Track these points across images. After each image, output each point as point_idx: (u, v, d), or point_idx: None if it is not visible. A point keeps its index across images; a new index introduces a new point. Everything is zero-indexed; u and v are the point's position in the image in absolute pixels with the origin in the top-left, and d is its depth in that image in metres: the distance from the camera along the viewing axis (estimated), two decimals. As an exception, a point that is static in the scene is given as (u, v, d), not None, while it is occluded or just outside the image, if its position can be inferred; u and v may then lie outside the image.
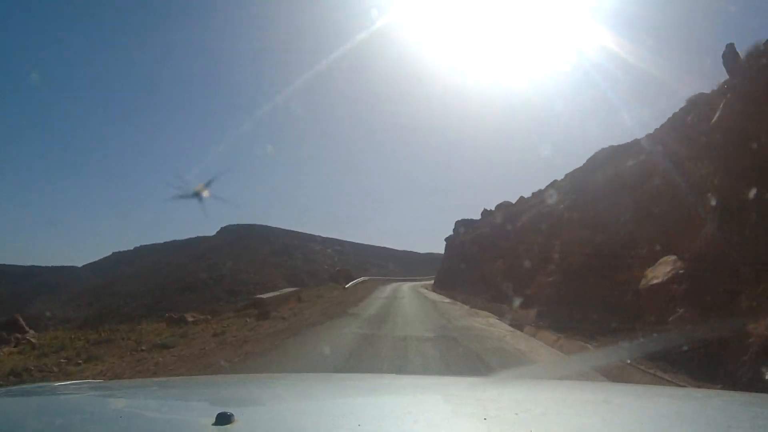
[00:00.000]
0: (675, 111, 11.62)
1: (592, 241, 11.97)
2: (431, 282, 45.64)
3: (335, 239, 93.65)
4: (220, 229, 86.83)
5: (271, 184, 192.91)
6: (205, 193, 2.58)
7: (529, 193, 25.81)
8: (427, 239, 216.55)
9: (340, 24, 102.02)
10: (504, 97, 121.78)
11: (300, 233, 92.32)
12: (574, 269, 12.24)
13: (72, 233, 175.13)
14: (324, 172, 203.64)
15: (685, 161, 9.12)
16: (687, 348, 6.03)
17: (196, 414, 1.63)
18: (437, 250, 61.98)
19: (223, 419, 1.17)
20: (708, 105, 9.30)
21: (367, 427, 1.31)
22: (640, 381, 5.85)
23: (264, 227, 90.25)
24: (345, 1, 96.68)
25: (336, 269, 49.12)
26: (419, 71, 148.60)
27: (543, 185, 24.41)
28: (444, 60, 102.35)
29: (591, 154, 17.15)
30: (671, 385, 5.26)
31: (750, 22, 53.28)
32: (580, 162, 18.36)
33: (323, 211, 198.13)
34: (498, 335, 11.32)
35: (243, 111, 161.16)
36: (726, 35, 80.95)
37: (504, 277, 19.84)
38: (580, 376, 6.27)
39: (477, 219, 38.40)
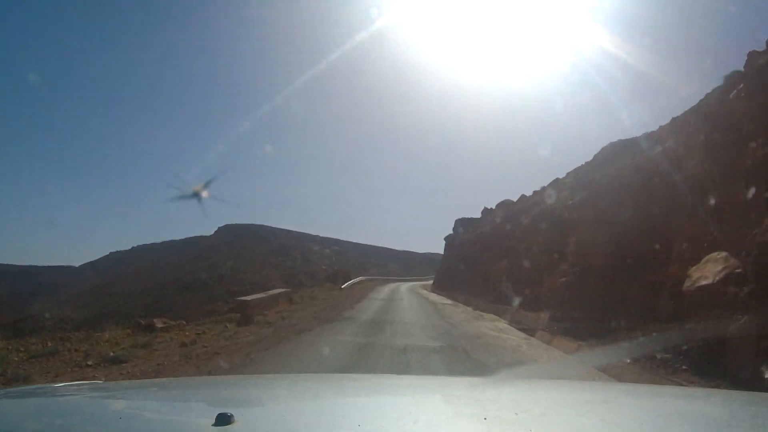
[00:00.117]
0: (708, 91, 10.49)
1: (611, 239, 11.04)
2: (430, 282, 45.60)
3: (334, 239, 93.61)
4: (218, 229, 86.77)
5: (270, 183, 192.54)
6: (204, 194, 2.59)
7: (530, 192, 25.51)
8: (427, 239, 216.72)
9: (339, 24, 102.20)
10: (504, 97, 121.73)
11: (298, 233, 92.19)
12: (591, 269, 11.47)
13: (70, 233, 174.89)
14: (323, 171, 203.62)
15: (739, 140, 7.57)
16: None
17: (195, 415, 1.63)
18: (436, 249, 61.97)
19: (223, 420, 1.17)
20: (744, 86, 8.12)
21: (367, 427, 1.31)
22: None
23: (262, 227, 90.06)
24: (345, 1, 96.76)
25: (335, 269, 48.98)
26: (419, 71, 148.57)
27: (543, 184, 24.11)
28: (444, 59, 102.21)
29: (591, 152, 17.14)
30: (672, 385, 5.22)
31: (750, 22, 53.47)
32: (580, 160, 18.27)
33: (322, 211, 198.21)
34: (512, 344, 10.18)
35: (242, 111, 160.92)
36: (726, 35, 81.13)
37: (507, 278, 19.45)
38: None
39: (477, 218, 38.04)
